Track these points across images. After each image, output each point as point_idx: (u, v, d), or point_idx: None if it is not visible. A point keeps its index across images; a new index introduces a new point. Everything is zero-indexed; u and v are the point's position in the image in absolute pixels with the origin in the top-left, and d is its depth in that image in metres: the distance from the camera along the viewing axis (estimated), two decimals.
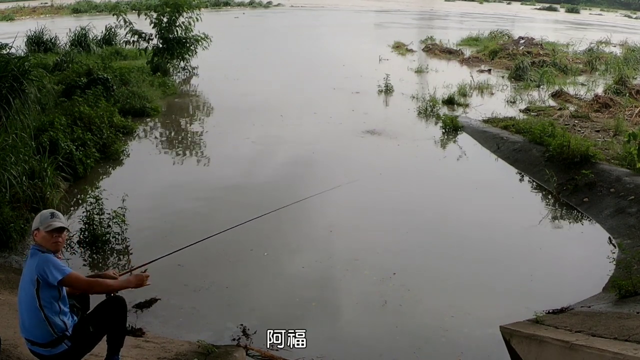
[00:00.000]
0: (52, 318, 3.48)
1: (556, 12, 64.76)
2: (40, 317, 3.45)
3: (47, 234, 3.57)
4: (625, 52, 23.04)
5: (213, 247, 6.76)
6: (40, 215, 3.67)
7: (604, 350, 4.02)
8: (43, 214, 3.68)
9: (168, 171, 9.51)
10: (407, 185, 9.07)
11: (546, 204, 8.54)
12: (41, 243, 3.58)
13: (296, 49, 24.85)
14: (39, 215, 3.67)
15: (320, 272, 6.30)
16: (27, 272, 3.51)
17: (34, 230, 3.62)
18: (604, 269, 6.43)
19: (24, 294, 3.51)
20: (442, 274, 6.40)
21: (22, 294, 3.53)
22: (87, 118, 9.85)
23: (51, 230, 3.57)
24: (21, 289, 3.55)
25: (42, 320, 3.46)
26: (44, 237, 3.57)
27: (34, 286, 3.45)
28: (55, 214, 3.67)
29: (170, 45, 17.24)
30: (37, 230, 3.60)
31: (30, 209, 6.87)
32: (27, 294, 3.47)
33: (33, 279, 3.46)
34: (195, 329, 5.17)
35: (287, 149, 10.75)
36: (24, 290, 3.51)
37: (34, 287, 3.45)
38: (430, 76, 18.84)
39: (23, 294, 3.52)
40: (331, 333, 5.24)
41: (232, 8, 48.71)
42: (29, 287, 3.46)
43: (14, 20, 31.51)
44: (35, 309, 3.45)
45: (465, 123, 12.51)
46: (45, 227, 3.58)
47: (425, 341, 5.19)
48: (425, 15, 50.13)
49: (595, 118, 12.59)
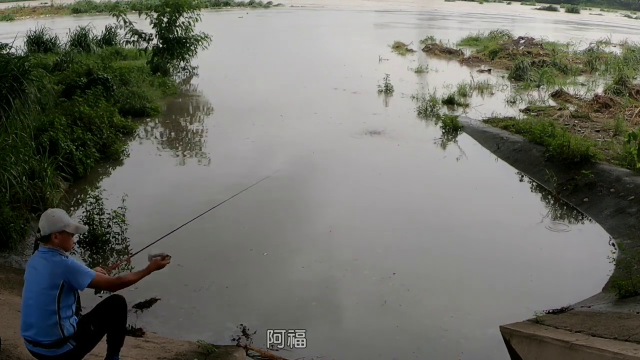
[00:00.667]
0: (64, 322, 3.46)
1: (556, 12, 64.75)
2: (53, 320, 3.41)
3: (68, 235, 3.55)
4: (625, 52, 23.05)
5: (213, 247, 6.80)
6: (57, 216, 3.56)
7: (604, 350, 4.02)
8: (60, 214, 3.60)
9: (168, 171, 9.51)
10: (407, 185, 9.06)
11: (546, 204, 8.54)
12: (62, 245, 3.53)
13: (296, 48, 24.83)
14: (55, 217, 3.55)
15: (320, 272, 6.30)
16: (46, 275, 3.41)
17: (57, 232, 3.50)
18: (604, 269, 6.43)
19: (36, 296, 3.41)
20: (442, 274, 6.40)
21: (33, 295, 3.43)
22: (87, 118, 9.85)
23: (77, 231, 3.63)
24: (31, 290, 3.45)
25: (55, 323, 3.42)
26: (65, 239, 3.54)
27: (56, 290, 3.39)
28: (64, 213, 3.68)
29: (170, 46, 17.27)
30: (59, 232, 3.51)
31: (30, 209, 6.88)
32: (43, 296, 3.39)
33: (56, 283, 3.39)
34: (195, 329, 5.17)
35: (287, 149, 10.75)
36: (37, 292, 3.41)
37: (55, 291, 3.39)
38: (430, 76, 18.84)
39: (34, 295, 3.42)
40: (331, 333, 5.24)
41: (232, 8, 48.69)
42: (47, 290, 3.39)
43: (14, 20, 31.49)
44: (50, 313, 3.40)
45: (465, 123, 12.51)
46: (74, 229, 3.59)
47: (425, 341, 5.18)
48: (425, 16, 50.10)
49: (595, 118, 12.59)
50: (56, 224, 3.52)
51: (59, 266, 3.43)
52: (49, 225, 3.51)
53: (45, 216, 3.57)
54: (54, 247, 3.51)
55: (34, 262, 3.53)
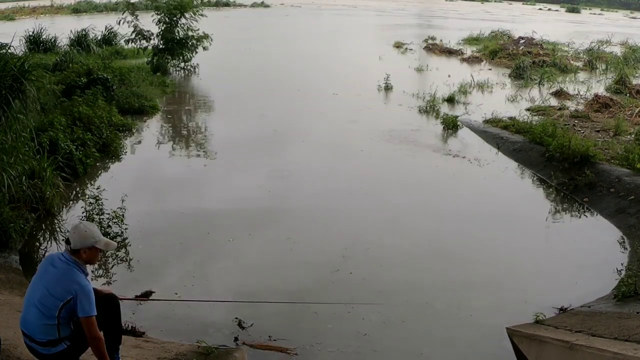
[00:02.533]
0: (62, 326, 3.46)
1: (557, 12, 64.78)
2: (52, 322, 3.41)
3: (97, 251, 3.54)
4: (625, 52, 23.04)
5: (213, 247, 6.80)
6: (89, 232, 3.52)
7: (604, 350, 4.02)
8: (92, 230, 3.56)
9: (167, 170, 9.50)
10: (407, 185, 9.05)
11: (548, 202, 8.54)
12: (89, 260, 3.53)
13: (296, 47, 24.79)
14: (87, 232, 3.50)
15: (321, 276, 6.21)
16: (60, 285, 3.39)
17: (88, 247, 3.48)
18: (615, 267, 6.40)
19: (41, 296, 3.40)
20: (443, 274, 6.39)
21: (38, 295, 3.41)
22: (86, 118, 9.86)
23: (107, 248, 3.66)
24: (38, 289, 3.43)
25: (53, 325, 3.42)
26: (94, 254, 3.54)
27: (62, 301, 3.37)
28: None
29: (171, 46, 17.32)
30: (91, 248, 3.49)
31: (30, 209, 6.88)
32: (48, 300, 3.38)
33: (65, 297, 3.37)
34: (195, 329, 5.15)
35: (287, 148, 10.75)
36: (43, 294, 3.40)
37: (61, 301, 3.37)
38: (431, 75, 18.83)
39: (40, 295, 3.40)
40: (332, 332, 5.22)
41: (233, 8, 48.67)
42: (54, 297, 3.37)
43: (15, 20, 31.49)
44: (50, 316, 3.40)
45: (465, 123, 12.51)
46: (104, 245, 3.57)
47: (428, 342, 5.18)
48: (426, 15, 50.11)
49: (595, 118, 12.59)
50: (87, 240, 3.49)
51: (75, 285, 3.40)
52: (81, 240, 3.47)
53: (77, 230, 3.53)
54: (80, 260, 3.50)
55: (55, 262, 3.48)
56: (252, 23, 36.04)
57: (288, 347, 4.87)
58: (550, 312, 5.46)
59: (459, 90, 15.49)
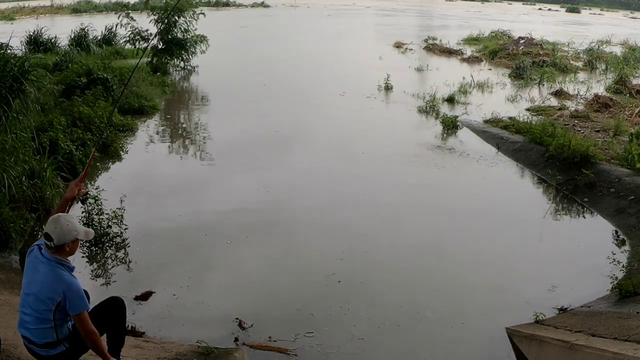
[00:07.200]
0: (60, 327, 3.42)
1: (557, 12, 64.78)
2: (48, 325, 3.37)
3: (78, 241, 3.48)
4: (625, 52, 23.04)
5: (211, 249, 6.80)
6: (71, 225, 3.38)
7: (604, 350, 4.02)
8: (73, 222, 3.43)
9: (167, 169, 9.50)
10: (406, 186, 9.05)
11: (548, 202, 8.54)
12: (71, 251, 3.44)
13: (296, 47, 24.79)
14: (69, 226, 3.36)
15: (318, 279, 6.17)
16: (47, 286, 3.31)
17: (71, 241, 3.38)
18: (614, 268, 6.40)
19: (33, 300, 3.34)
20: (442, 274, 6.39)
21: (30, 299, 3.36)
22: (86, 118, 9.86)
23: (87, 237, 3.59)
24: (30, 292, 3.36)
25: (50, 328, 3.38)
26: (76, 245, 3.47)
27: (53, 304, 3.30)
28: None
29: (169, 47, 17.36)
30: (74, 241, 3.41)
31: (30, 209, 6.87)
32: (41, 303, 3.32)
33: (55, 298, 3.29)
34: (195, 328, 5.15)
35: (287, 150, 10.74)
36: (34, 298, 3.33)
37: (52, 304, 3.30)
38: (432, 75, 18.83)
39: (31, 299, 3.35)
40: (332, 333, 5.22)
41: (233, 8, 48.64)
42: (45, 299, 3.30)
43: (15, 20, 31.48)
44: (46, 320, 3.35)
45: (465, 123, 12.51)
46: (84, 235, 3.53)
47: (428, 342, 5.18)
48: (426, 15, 50.10)
49: (595, 118, 12.59)
50: (71, 234, 3.37)
51: (61, 284, 3.31)
52: (65, 235, 3.34)
53: (58, 224, 3.34)
54: (62, 256, 3.39)
55: (38, 265, 3.38)
56: (251, 23, 36.02)
57: (288, 348, 4.88)
58: (550, 312, 5.46)
59: (459, 90, 15.51)
